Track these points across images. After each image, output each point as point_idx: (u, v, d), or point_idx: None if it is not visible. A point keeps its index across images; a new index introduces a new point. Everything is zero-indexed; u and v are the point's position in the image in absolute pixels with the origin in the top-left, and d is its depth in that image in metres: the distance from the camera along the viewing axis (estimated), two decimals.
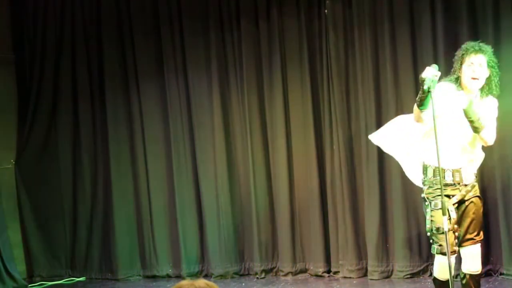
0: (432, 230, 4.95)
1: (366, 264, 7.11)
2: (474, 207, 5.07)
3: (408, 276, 6.94)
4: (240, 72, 7.53)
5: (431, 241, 5.02)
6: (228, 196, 7.57)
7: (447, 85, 5.05)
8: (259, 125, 7.49)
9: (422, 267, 6.93)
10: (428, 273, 6.88)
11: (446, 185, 4.95)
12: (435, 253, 5.00)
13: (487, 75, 5.04)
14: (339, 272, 7.20)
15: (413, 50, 6.87)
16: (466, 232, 5.06)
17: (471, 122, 4.92)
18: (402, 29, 6.90)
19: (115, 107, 7.95)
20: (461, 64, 5.04)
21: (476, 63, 4.99)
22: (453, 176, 4.98)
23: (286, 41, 7.37)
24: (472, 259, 5.10)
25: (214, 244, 7.60)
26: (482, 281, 6.42)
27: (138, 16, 7.83)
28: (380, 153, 6.97)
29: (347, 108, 7.18)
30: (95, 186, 8.06)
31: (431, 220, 4.96)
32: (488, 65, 5.03)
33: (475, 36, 6.59)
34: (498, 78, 5.08)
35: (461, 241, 5.06)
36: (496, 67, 5.08)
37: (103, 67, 7.96)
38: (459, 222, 5.03)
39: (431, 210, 4.96)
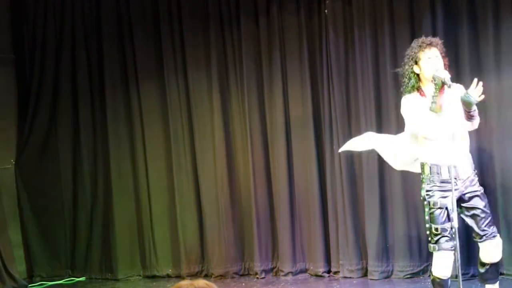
0: (431, 229, 4.96)
1: (366, 264, 7.10)
2: (481, 205, 5.09)
3: (408, 276, 6.94)
4: (240, 72, 7.53)
5: (429, 238, 5.05)
6: (228, 196, 7.57)
7: (411, 96, 5.10)
8: (259, 125, 7.48)
9: (422, 267, 6.94)
10: (428, 273, 6.88)
11: (443, 181, 4.99)
12: (432, 251, 5.02)
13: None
14: (339, 272, 7.20)
15: None
16: (483, 230, 5.10)
17: (470, 109, 4.89)
18: (402, 29, 6.90)
19: (115, 107, 7.95)
20: (416, 62, 5.06)
21: (433, 57, 5.06)
22: (449, 171, 4.97)
23: (286, 40, 7.37)
24: (494, 251, 5.17)
25: (214, 244, 7.60)
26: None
27: (138, 16, 7.83)
28: None
29: (347, 108, 7.18)
30: (95, 186, 8.06)
31: (430, 220, 4.98)
32: (442, 55, 5.09)
33: (475, 36, 6.60)
34: None
35: (479, 239, 5.11)
36: (446, 56, 5.15)
37: (103, 67, 7.96)
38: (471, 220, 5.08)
39: (430, 209, 5.00)
